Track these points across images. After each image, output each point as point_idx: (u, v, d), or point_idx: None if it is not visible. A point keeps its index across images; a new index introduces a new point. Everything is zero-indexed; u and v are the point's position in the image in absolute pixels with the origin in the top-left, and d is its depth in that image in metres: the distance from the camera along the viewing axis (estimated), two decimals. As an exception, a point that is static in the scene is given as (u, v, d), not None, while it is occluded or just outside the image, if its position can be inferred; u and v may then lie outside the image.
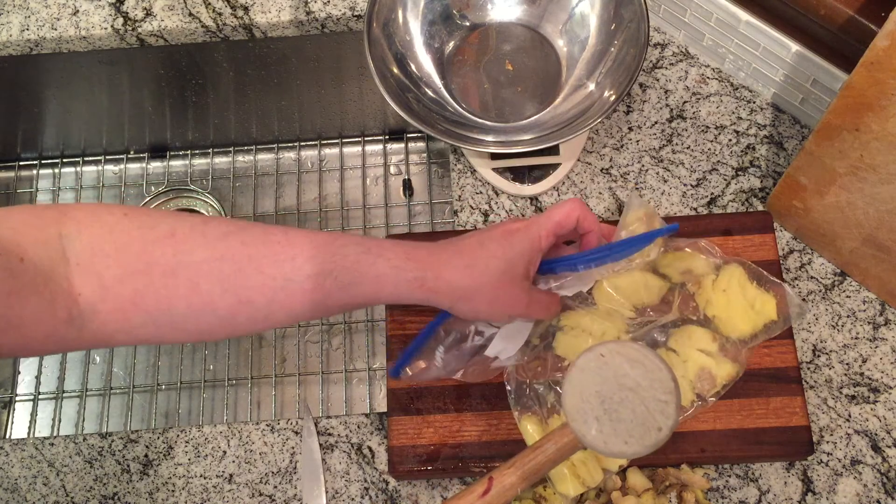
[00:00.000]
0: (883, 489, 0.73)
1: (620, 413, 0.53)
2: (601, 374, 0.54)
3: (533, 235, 0.64)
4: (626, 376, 0.53)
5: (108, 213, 0.57)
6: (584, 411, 0.54)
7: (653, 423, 0.53)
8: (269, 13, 0.93)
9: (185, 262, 0.57)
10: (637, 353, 0.54)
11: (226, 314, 0.58)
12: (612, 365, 0.54)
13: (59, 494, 0.78)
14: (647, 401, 0.53)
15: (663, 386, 0.53)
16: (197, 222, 0.59)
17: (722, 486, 0.74)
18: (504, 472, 0.57)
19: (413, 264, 0.61)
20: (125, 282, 0.55)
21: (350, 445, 0.78)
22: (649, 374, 0.53)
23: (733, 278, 0.73)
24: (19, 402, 1.02)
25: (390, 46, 0.83)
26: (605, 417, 0.53)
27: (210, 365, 1.02)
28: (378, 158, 1.11)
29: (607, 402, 0.53)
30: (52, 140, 1.10)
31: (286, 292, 0.58)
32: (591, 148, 0.88)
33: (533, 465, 0.56)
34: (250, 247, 0.58)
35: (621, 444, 0.53)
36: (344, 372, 0.99)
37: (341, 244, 0.60)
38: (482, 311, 0.64)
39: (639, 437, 0.53)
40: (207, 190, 1.07)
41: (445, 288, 0.61)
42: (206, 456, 0.79)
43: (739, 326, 0.72)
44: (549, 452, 0.56)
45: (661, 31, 0.92)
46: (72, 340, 0.55)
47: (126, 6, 0.94)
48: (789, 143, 0.86)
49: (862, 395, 0.76)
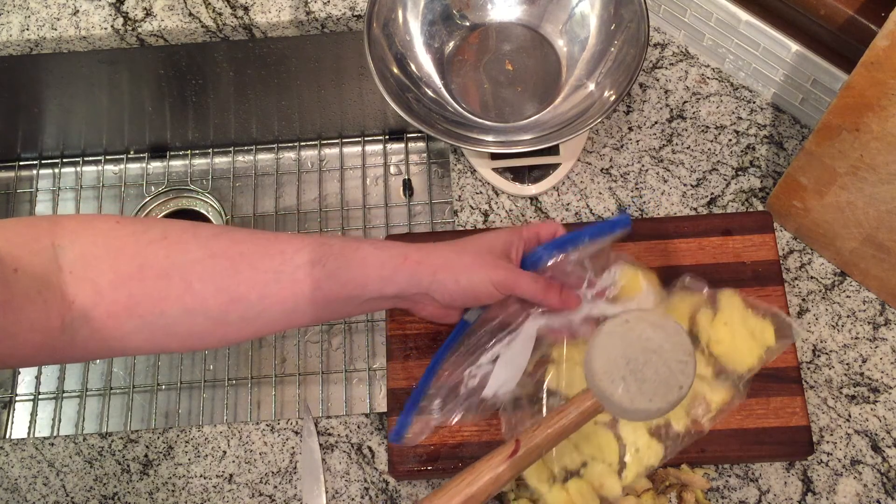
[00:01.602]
0: (883, 489, 0.73)
1: (645, 373, 0.56)
2: (626, 338, 0.57)
3: (513, 229, 0.68)
4: (649, 340, 0.57)
5: (101, 222, 0.58)
6: (611, 372, 0.56)
7: (675, 381, 0.56)
8: (269, 13, 0.93)
9: (178, 263, 0.57)
10: (659, 319, 0.58)
11: (218, 314, 0.58)
12: (637, 329, 0.57)
13: (59, 494, 0.78)
14: (669, 361, 0.56)
15: (683, 348, 0.57)
16: (187, 226, 0.60)
17: (722, 486, 0.74)
18: (530, 434, 0.59)
19: (395, 244, 0.65)
20: (119, 286, 0.56)
21: (350, 445, 0.78)
22: (670, 337, 0.57)
23: (734, 310, 0.70)
24: (19, 402, 1.02)
25: (390, 46, 0.83)
26: (631, 378, 0.56)
27: (210, 365, 1.02)
28: (378, 158, 1.11)
29: (632, 363, 0.56)
30: (52, 140, 1.10)
31: (278, 285, 0.59)
32: (591, 148, 0.88)
33: (557, 427, 0.59)
34: (241, 244, 0.60)
35: (646, 401, 0.56)
36: (344, 372, 0.99)
37: (327, 237, 0.63)
38: (462, 278, 0.64)
39: (662, 394, 0.56)
40: (207, 190, 1.07)
41: (427, 258, 0.63)
42: (206, 456, 0.79)
43: (745, 360, 0.69)
44: (573, 416, 0.58)
45: (661, 31, 0.92)
46: (63, 349, 0.55)
47: (126, 6, 0.94)
48: (789, 143, 0.86)
49: (862, 395, 0.76)
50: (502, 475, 0.57)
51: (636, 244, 0.77)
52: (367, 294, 0.63)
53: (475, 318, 0.71)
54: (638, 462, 0.66)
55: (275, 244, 0.60)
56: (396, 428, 0.70)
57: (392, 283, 0.63)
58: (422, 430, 0.70)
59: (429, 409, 0.70)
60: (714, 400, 0.68)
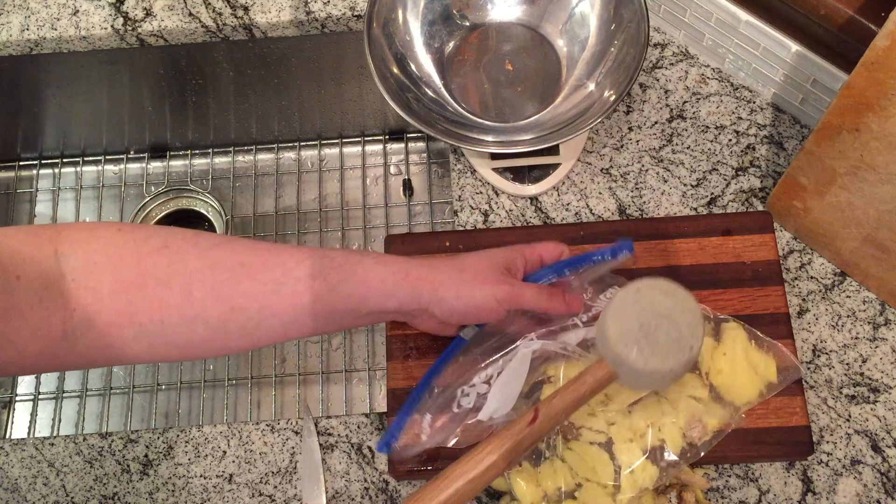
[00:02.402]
0: (883, 489, 0.73)
1: (657, 336, 0.59)
2: (638, 304, 0.60)
3: (515, 248, 0.69)
4: (660, 305, 0.60)
5: (103, 230, 0.58)
6: (625, 336, 0.59)
7: (685, 342, 0.59)
8: (269, 13, 0.93)
9: (179, 272, 0.58)
10: (668, 286, 0.61)
11: (217, 324, 0.58)
12: (648, 296, 0.61)
13: (59, 494, 0.78)
14: (680, 325, 0.60)
15: (692, 311, 0.60)
16: (189, 234, 0.60)
17: (722, 486, 0.74)
18: (548, 402, 0.61)
19: (397, 260, 0.64)
20: (119, 294, 0.56)
21: (350, 445, 0.78)
22: (680, 302, 0.61)
23: (737, 342, 0.70)
24: (19, 402, 1.02)
25: (390, 46, 0.83)
26: (644, 341, 0.59)
27: (210, 365, 1.02)
28: (378, 158, 1.11)
29: (645, 327, 0.59)
30: (52, 140, 1.10)
31: (278, 297, 0.59)
32: (591, 148, 0.88)
33: (574, 395, 0.61)
34: (242, 255, 0.60)
35: (660, 362, 0.59)
36: (344, 372, 0.99)
37: (328, 250, 0.63)
38: (464, 293, 0.64)
39: (675, 355, 0.59)
40: (207, 190, 1.07)
41: (429, 275, 0.64)
42: (206, 456, 0.79)
43: (745, 393, 0.70)
44: (589, 383, 0.61)
45: (661, 31, 0.92)
46: (64, 357, 0.56)
47: (126, 6, 0.94)
48: (789, 143, 0.86)
49: (862, 395, 0.76)
50: (523, 441, 0.59)
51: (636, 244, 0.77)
52: (366, 308, 0.63)
53: (471, 335, 0.71)
54: (632, 484, 0.66)
55: (276, 256, 0.60)
56: (385, 438, 0.70)
57: (393, 297, 0.63)
58: (412, 444, 0.70)
59: (420, 423, 0.70)
60: (710, 424, 0.68)
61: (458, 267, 0.65)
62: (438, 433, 0.69)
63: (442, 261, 0.66)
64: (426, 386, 0.71)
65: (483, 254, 0.68)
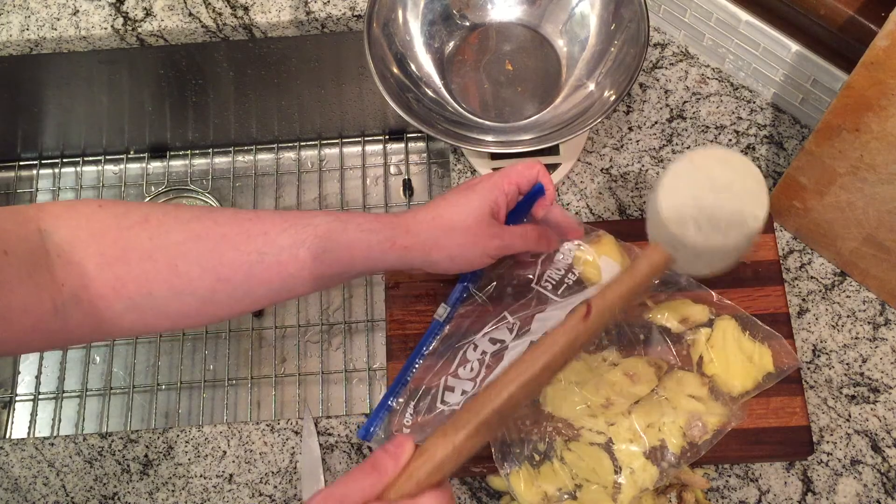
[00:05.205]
0: (883, 489, 0.73)
1: (715, 211, 0.54)
2: (693, 178, 0.55)
3: (495, 181, 0.66)
4: (717, 175, 0.55)
5: (84, 206, 0.59)
6: (681, 214, 0.55)
7: (749, 212, 0.54)
8: (269, 13, 0.93)
9: (162, 245, 0.58)
10: (723, 153, 0.56)
11: (205, 294, 0.59)
12: (704, 168, 0.55)
13: (59, 494, 0.78)
14: (741, 194, 0.54)
15: (753, 177, 0.55)
16: (169, 208, 0.61)
17: (722, 486, 0.74)
18: (601, 295, 0.56)
19: (382, 226, 0.63)
20: (105, 268, 0.57)
21: (350, 445, 0.78)
22: (738, 169, 0.55)
23: (727, 331, 0.70)
24: (19, 402, 1.02)
25: (390, 46, 0.83)
26: (702, 217, 0.54)
27: (210, 365, 1.02)
28: (378, 158, 1.11)
29: (701, 201, 0.54)
30: (52, 140, 1.10)
31: (262, 266, 0.59)
32: (591, 148, 0.88)
33: (629, 284, 0.57)
34: (223, 226, 0.60)
35: (721, 237, 0.54)
36: (344, 372, 0.99)
37: (311, 216, 0.62)
38: (457, 255, 0.64)
39: (737, 227, 0.54)
40: (207, 190, 1.07)
41: (416, 242, 0.63)
42: (206, 456, 0.79)
43: (739, 382, 0.70)
44: (643, 271, 0.57)
45: (661, 31, 0.92)
46: (58, 333, 0.56)
47: (126, 6, 0.94)
48: (789, 143, 0.86)
49: (862, 395, 0.76)
50: (578, 338, 0.55)
51: (637, 244, 0.77)
52: (354, 271, 0.63)
53: (445, 315, 0.72)
54: (633, 484, 0.66)
55: (257, 224, 0.60)
56: (365, 425, 0.69)
57: (381, 263, 0.63)
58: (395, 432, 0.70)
59: (402, 413, 0.69)
60: (711, 422, 0.68)
61: (445, 227, 0.64)
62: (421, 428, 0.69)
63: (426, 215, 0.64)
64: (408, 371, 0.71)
65: (467, 203, 0.65)
